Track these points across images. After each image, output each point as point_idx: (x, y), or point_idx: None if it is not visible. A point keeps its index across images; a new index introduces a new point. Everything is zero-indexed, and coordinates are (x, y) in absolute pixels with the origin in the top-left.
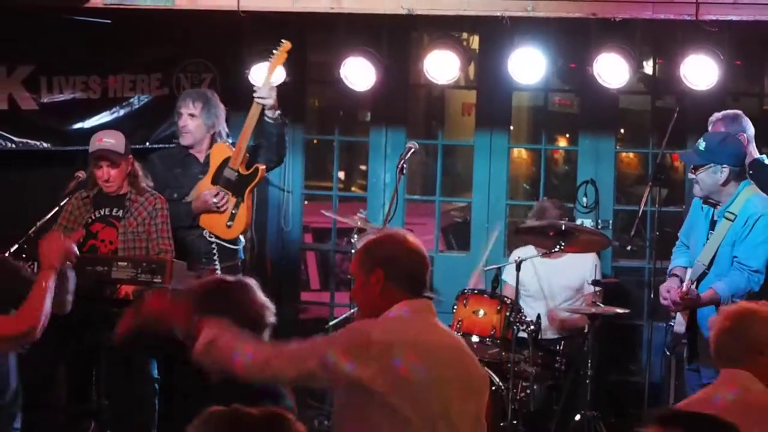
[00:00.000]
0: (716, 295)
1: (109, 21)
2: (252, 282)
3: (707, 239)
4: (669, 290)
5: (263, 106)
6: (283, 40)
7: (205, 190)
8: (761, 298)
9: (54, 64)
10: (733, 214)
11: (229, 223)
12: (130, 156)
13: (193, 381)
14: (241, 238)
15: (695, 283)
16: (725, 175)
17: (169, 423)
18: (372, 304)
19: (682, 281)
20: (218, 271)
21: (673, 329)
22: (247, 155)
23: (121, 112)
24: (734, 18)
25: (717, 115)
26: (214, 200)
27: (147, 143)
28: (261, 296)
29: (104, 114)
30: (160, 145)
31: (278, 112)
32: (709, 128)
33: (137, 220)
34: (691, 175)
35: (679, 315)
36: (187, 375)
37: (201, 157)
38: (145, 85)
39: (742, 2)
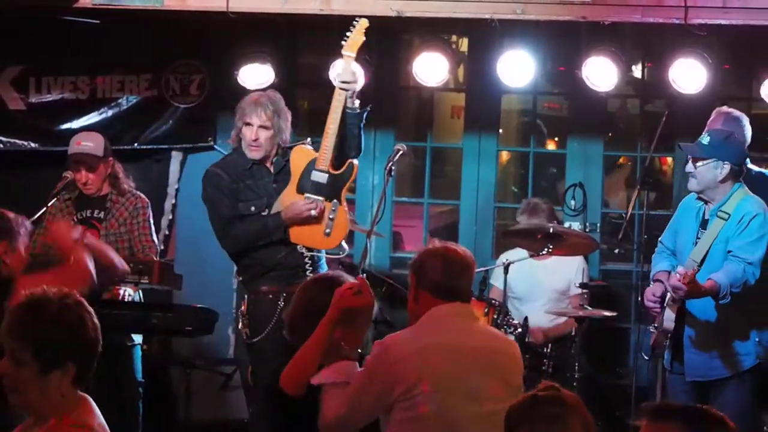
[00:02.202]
0: (716, 285)
1: (98, 21)
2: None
3: (697, 238)
4: (654, 293)
5: (347, 94)
6: (358, 18)
7: (290, 200)
8: (754, 296)
9: (42, 64)
10: (726, 213)
11: (327, 231)
12: (111, 158)
13: None
14: (344, 245)
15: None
16: (725, 172)
17: None
18: (412, 310)
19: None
20: None
21: (651, 329)
22: (334, 153)
23: (110, 113)
24: (723, 22)
25: (723, 108)
26: (313, 213)
27: (135, 144)
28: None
29: (92, 114)
30: (150, 146)
31: (358, 100)
32: (712, 116)
33: (118, 221)
34: (689, 168)
35: (668, 311)
36: None
37: (270, 165)
38: (133, 85)
39: (731, 6)
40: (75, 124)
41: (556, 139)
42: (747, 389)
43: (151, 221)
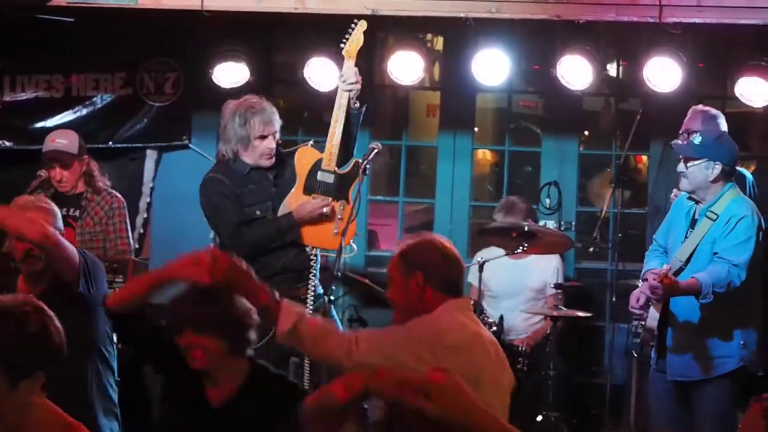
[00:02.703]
0: (697, 284)
1: (73, 20)
2: None
3: (686, 237)
4: (639, 299)
5: (350, 94)
6: (356, 20)
7: (297, 202)
8: (739, 298)
9: (17, 63)
10: (715, 213)
11: (336, 231)
12: (86, 156)
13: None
14: (353, 245)
15: None
16: (716, 173)
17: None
18: (411, 305)
19: None
20: (311, 288)
21: (639, 328)
22: (339, 153)
23: (84, 112)
24: (697, 21)
25: (699, 107)
26: (325, 211)
27: (110, 143)
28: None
29: (67, 113)
30: (125, 145)
31: (357, 102)
32: (688, 115)
33: (94, 220)
34: (680, 168)
35: (652, 309)
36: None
37: (267, 169)
38: (108, 84)
39: (706, 5)
40: (50, 122)
41: (532, 137)
42: (727, 392)
43: (127, 221)
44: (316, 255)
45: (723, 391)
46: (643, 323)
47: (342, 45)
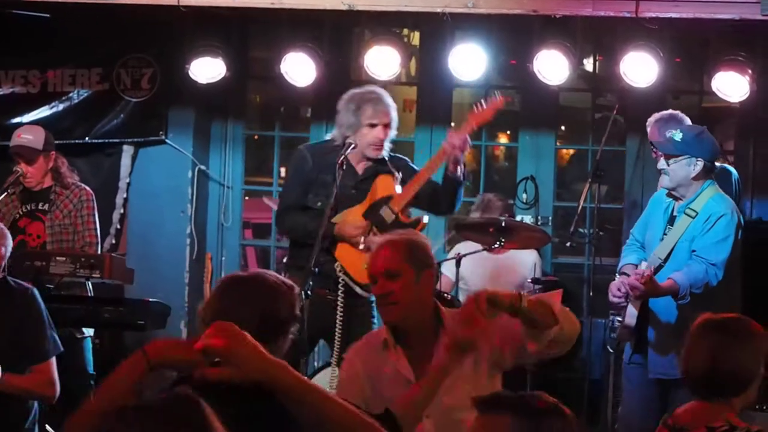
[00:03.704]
0: (675, 285)
1: (49, 15)
2: None
3: (664, 234)
4: (620, 288)
5: (449, 159)
6: (497, 92)
7: (353, 218)
8: (718, 297)
9: None
10: (694, 210)
11: (366, 266)
12: (52, 152)
13: None
14: None
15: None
16: (698, 169)
17: None
18: (422, 301)
19: None
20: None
21: (616, 325)
22: (415, 201)
23: (61, 107)
24: (674, 15)
25: (653, 117)
26: (360, 247)
27: (87, 138)
28: None
29: (43, 108)
30: (101, 140)
31: (462, 167)
32: (648, 130)
33: (63, 213)
34: (661, 165)
35: (630, 306)
36: None
37: (360, 169)
38: (84, 79)
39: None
40: (26, 118)
41: (508, 132)
42: None
43: (96, 214)
44: (342, 271)
45: None
46: (620, 320)
47: (474, 107)
